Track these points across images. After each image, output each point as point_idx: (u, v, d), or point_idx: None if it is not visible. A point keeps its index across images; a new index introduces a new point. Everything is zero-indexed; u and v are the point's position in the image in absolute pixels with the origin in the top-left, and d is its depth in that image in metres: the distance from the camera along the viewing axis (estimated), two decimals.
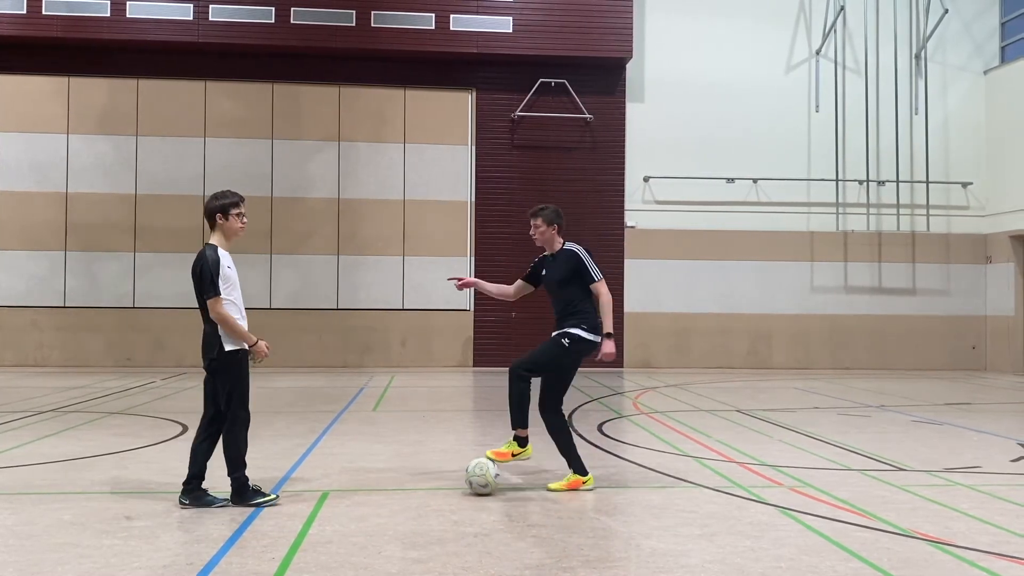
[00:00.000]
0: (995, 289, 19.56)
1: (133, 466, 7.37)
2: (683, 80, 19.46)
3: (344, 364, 18.58)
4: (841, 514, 5.81)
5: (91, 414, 10.80)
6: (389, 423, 10.25)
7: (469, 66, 19.00)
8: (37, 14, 17.71)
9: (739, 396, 13.50)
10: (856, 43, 20.00)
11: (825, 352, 19.47)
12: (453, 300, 18.82)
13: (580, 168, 19.11)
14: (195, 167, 18.53)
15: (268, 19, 18.18)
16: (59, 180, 18.37)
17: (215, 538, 5.15)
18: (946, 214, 19.92)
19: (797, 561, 4.77)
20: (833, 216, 19.62)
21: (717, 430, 9.67)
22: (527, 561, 4.76)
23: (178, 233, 18.07)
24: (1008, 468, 7.63)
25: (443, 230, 18.95)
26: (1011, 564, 4.75)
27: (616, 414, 11.20)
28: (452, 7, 18.47)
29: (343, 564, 4.67)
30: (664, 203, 19.37)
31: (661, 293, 19.22)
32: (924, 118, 19.85)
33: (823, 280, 19.61)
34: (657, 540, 5.19)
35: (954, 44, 20.13)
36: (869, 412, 11.60)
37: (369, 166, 18.95)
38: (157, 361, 17.98)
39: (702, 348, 19.27)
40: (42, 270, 18.23)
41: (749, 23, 19.71)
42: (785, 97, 19.67)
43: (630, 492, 6.61)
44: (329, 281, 18.77)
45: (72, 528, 5.35)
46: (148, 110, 18.56)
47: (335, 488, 6.56)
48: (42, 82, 18.43)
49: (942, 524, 5.58)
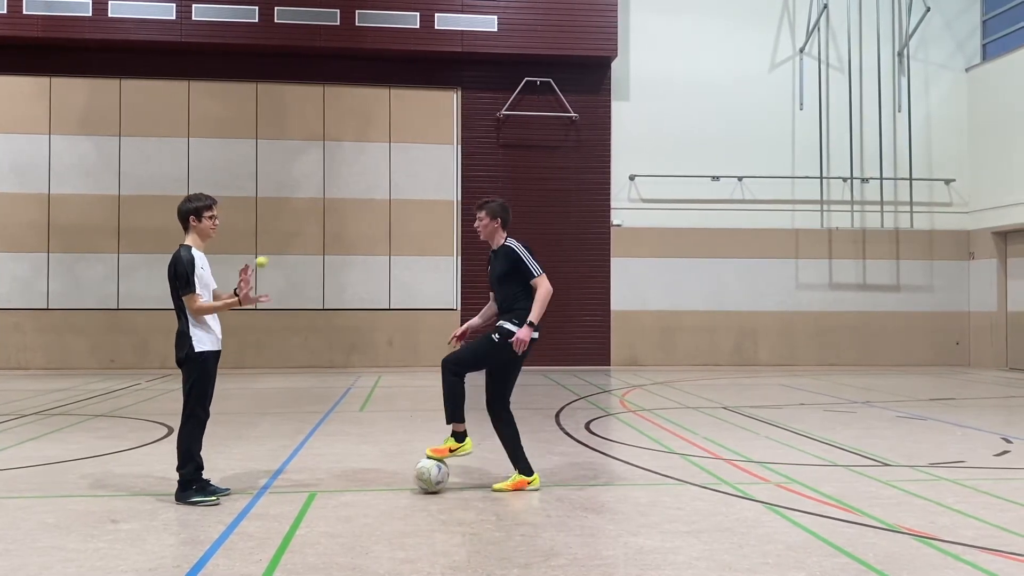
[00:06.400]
0: (978, 285, 19.71)
1: (118, 468, 7.32)
2: (668, 79, 19.51)
3: (330, 364, 18.53)
4: (827, 510, 5.84)
5: (75, 416, 10.72)
6: (376, 423, 10.23)
7: (454, 65, 18.98)
8: (18, 14, 17.56)
9: (725, 393, 13.55)
10: (839, 41, 20.10)
11: (810, 349, 19.56)
12: (439, 299, 18.83)
13: (565, 167, 19.13)
14: (179, 167, 18.42)
15: (252, 18, 18.09)
16: (41, 181, 18.22)
17: (202, 540, 5.12)
18: (929, 211, 20.06)
19: (784, 557, 4.79)
20: (818, 213, 19.72)
21: (704, 427, 9.70)
22: (516, 559, 4.75)
23: (162, 234, 17.86)
24: (992, 462, 7.69)
25: (429, 229, 18.92)
26: (995, 557, 4.78)
27: (603, 412, 11.21)
28: (437, 6, 18.43)
29: (331, 565, 4.66)
30: (650, 201, 19.41)
31: (647, 291, 19.27)
32: (907, 115, 19.97)
33: (808, 277, 19.70)
34: (644, 537, 5.19)
35: (936, 42, 20.26)
36: (854, 408, 11.66)
37: (354, 166, 18.89)
38: (141, 363, 17.88)
39: (688, 346, 19.33)
40: (24, 272, 18.08)
41: (733, 21, 19.78)
42: (769, 95, 19.75)
43: (617, 489, 6.62)
44: (315, 281, 18.71)
45: (56, 531, 5.31)
46: (131, 110, 18.44)
47: (322, 489, 6.53)
48: (23, 82, 18.28)
49: (927, 519, 5.61)
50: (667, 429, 9.56)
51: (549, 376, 16.39)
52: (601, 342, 19.08)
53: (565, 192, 18.99)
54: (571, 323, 18.71)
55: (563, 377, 16.27)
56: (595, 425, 9.88)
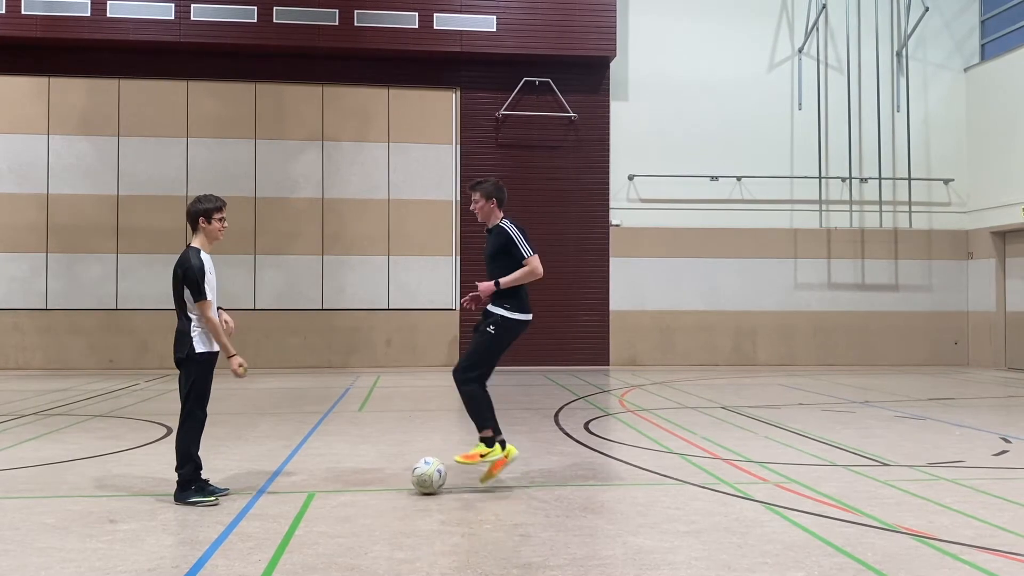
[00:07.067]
0: (976, 285, 19.72)
1: (117, 469, 7.32)
2: (667, 78, 19.51)
3: (329, 364, 18.52)
4: (826, 509, 5.84)
5: (74, 417, 10.72)
6: (375, 423, 10.22)
7: (453, 65, 18.97)
8: (16, 14, 17.53)
9: (724, 393, 13.55)
10: (838, 41, 20.11)
11: (809, 348, 19.57)
12: (438, 300, 18.82)
13: (565, 167, 19.13)
14: (177, 168, 18.41)
15: (250, 18, 18.07)
16: (40, 181, 18.21)
17: (200, 540, 5.12)
18: (928, 211, 20.06)
19: (782, 556, 4.79)
20: (816, 213, 19.72)
21: (702, 427, 9.70)
22: (514, 560, 4.75)
23: (161, 234, 17.95)
24: (991, 462, 7.70)
25: (428, 229, 18.92)
26: (994, 557, 4.78)
27: (602, 412, 11.21)
28: (436, 6, 18.42)
29: (330, 565, 4.65)
30: (649, 201, 19.41)
31: (646, 291, 19.27)
32: (906, 115, 19.98)
33: (807, 277, 19.71)
34: (644, 537, 5.20)
35: (935, 42, 20.27)
36: (853, 408, 11.67)
37: (353, 166, 18.89)
38: (140, 363, 17.86)
39: (687, 345, 19.33)
40: (23, 272, 18.07)
41: (732, 22, 19.78)
42: (768, 95, 19.75)
43: (616, 489, 6.62)
44: (314, 281, 18.70)
45: (55, 532, 5.31)
46: (129, 110, 18.42)
47: (321, 489, 6.53)
48: (22, 82, 18.27)
49: (926, 518, 5.61)
50: (666, 429, 9.56)
51: (548, 376, 16.39)
52: (600, 342, 19.08)
53: (564, 192, 18.99)
54: (570, 323, 18.72)
55: (562, 377, 16.27)
56: (594, 425, 9.88)
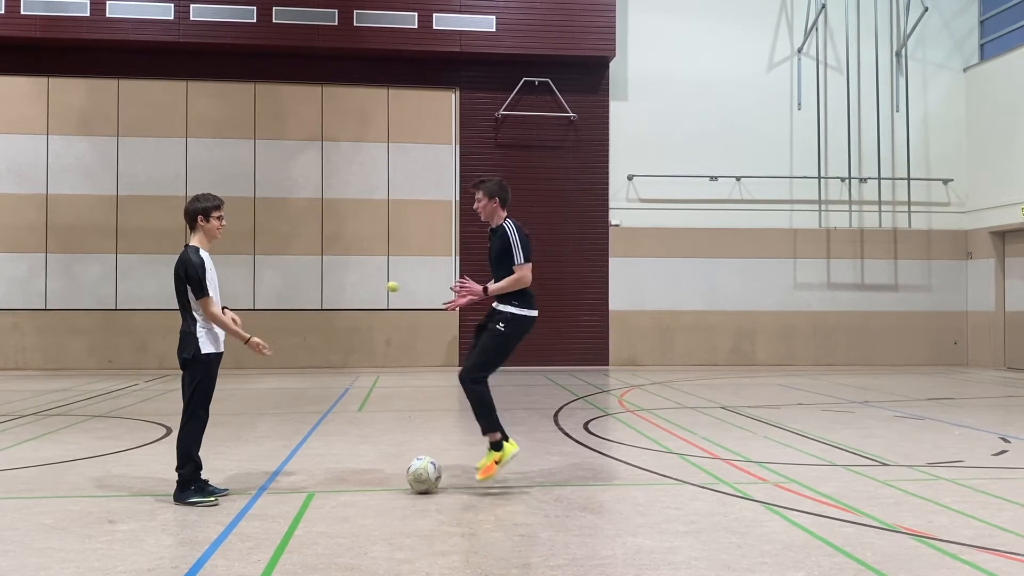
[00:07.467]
0: (976, 285, 19.72)
1: (116, 469, 7.31)
2: (666, 78, 19.51)
3: (329, 365, 18.52)
4: (825, 509, 5.84)
5: (73, 417, 10.71)
6: (374, 423, 10.22)
7: (452, 65, 18.97)
8: (16, 14, 17.53)
9: (723, 393, 13.55)
10: (837, 41, 20.11)
11: (808, 349, 19.57)
12: (437, 300, 18.79)
13: (564, 167, 19.13)
14: (176, 168, 18.41)
15: (250, 19, 18.07)
16: (39, 182, 18.20)
17: (200, 541, 5.12)
18: (927, 210, 20.07)
19: (782, 556, 4.79)
20: (816, 213, 19.73)
21: (702, 427, 9.70)
22: (514, 560, 4.75)
23: (160, 234, 17.94)
24: (990, 462, 7.70)
25: (427, 229, 18.92)
26: (993, 557, 4.78)
27: (602, 412, 11.21)
28: (435, 6, 18.42)
29: (329, 565, 4.65)
30: (648, 201, 19.41)
31: (645, 291, 19.27)
32: (905, 115, 19.99)
33: (806, 277, 19.71)
34: (643, 537, 5.20)
35: (934, 42, 20.28)
36: (852, 408, 11.67)
37: (352, 166, 18.89)
38: (140, 363, 17.86)
39: (686, 345, 19.34)
40: (22, 272, 18.06)
41: (732, 21, 19.78)
42: (767, 95, 19.75)
43: (616, 489, 6.62)
44: (313, 281, 18.70)
45: (54, 532, 5.30)
46: (129, 111, 18.42)
47: (320, 489, 6.53)
48: (21, 83, 18.26)
49: (925, 518, 5.62)
50: (665, 429, 9.56)
51: (548, 376, 16.39)
52: (599, 342, 19.08)
53: (563, 192, 18.99)
54: (569, 323, 18.72)
55: (561, 377, 16.27)
56: (594, 425, 9.88)
